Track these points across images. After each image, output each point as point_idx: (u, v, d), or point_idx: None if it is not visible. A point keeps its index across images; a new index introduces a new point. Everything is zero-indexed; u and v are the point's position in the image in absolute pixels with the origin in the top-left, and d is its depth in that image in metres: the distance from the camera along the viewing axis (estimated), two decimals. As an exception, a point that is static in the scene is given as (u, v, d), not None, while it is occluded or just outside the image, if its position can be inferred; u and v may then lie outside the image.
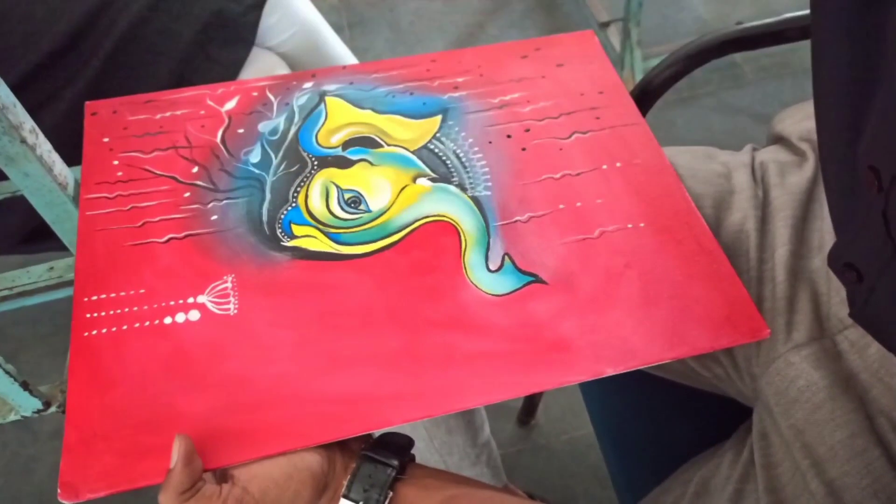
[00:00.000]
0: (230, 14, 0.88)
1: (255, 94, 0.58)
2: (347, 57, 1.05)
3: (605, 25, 1.50)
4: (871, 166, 0.36)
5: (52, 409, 0.62)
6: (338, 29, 1.07)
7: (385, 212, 0.51)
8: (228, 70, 0.86)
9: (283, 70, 0.94)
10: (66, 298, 0.71)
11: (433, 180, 0.53)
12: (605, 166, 0.54)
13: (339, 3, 1.66)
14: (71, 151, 0.65)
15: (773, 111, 0.64)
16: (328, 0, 1.65)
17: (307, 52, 0.99)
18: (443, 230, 0.50)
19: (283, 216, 0.51)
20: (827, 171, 0.43)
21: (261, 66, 0.90)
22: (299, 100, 0.58)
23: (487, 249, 0.49)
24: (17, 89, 0.58)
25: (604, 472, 0.74)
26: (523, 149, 0.55)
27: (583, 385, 0.67)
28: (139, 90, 0.81)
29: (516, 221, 0.51)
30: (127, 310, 0.45)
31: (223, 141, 0.55)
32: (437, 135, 0.56)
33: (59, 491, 0.38)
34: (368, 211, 0.51)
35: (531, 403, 1.03)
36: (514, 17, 1.63)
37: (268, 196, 0.52)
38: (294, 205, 0.51)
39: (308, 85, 0.59)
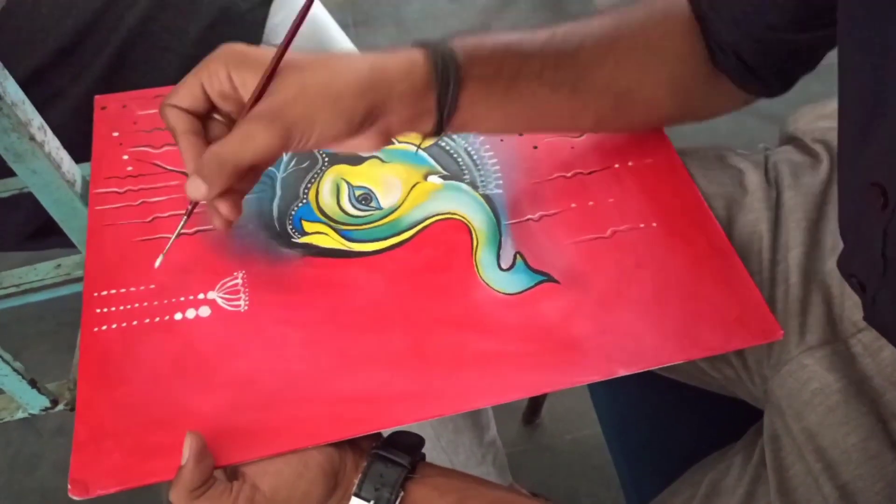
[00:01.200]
0: (237, 11, 0.88)
1: (265, 90, 0.58)
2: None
3: (611, 25, 1.50)
4: (874, 182, 0.36)
5: (60, 406, 0.62)
6: (344, 27, 1.06)
7: (396, 209, 0.51)
8: (236, 67, 0.86)
9: (291, 68, 0.94)
10: (70, 295, 0.71)
11: (444, 178, 0.53)
12: (617, 165, 0.54)
13: (344, 2, 1.66)
14: (78, 149, 0.64)
15: (779, 112, 0.63)
16: (334, -2, 1.65)
17: (314, 50, 0.99)
18: (454, 228, 0.50)
19: (293, 213, 0.50)
20: (841, 179, 0.43)
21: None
22: (309, 97, 0.58)
23: (499, 248, 0.49)
24: (23, 86, 0.58)
25: (608, 473, 0.73)
26: (535, 147, 0.55)
27: (591, 385, 0.67)
28: (146, 87, 0.81)
29: (528, 220, 0.51)
30: (137, 305, 0.45)
31: None
32: (448, 132, 0.56)
33: (69, 487, 0.38)
34: (379, 208, 0.51)
35: (536, 403, 1.02)
36: (519, 15, 1.63)
37: (278, 192, 0.51)
38: (305, 201, 0.51)
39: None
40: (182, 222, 0.43)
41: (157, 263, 0.45)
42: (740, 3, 0.47)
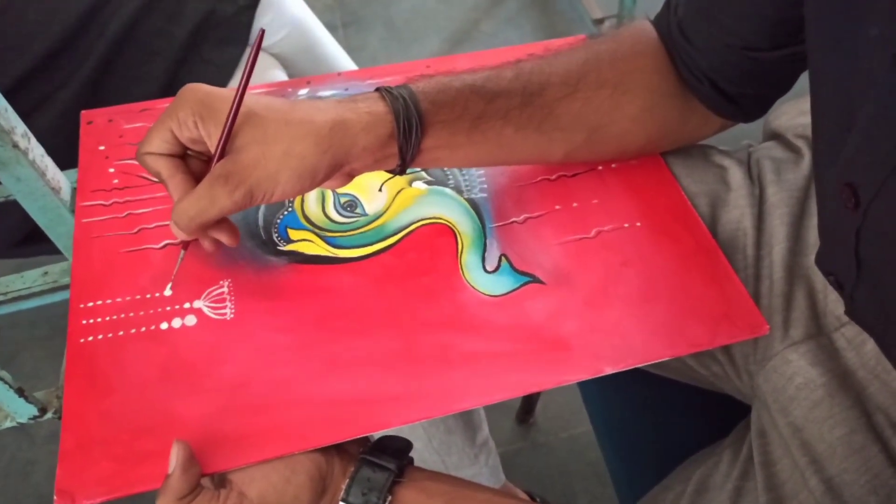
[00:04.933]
0: (223, 14, 0.88)
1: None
2: (341, 57, 1.05)
3: (598, 22, 1.50)
4: (847, 183, 0.36)
5: (48, 415, 0.61)
6: (332, 28, 1.06)
7: (381, 215, 0.51)
8: (222, 70, 0.86)
9: (278, 70, 0.94)
10: (64, 301, 0.71)
11: (429, 183, 0.53)
12: (600, 167, 0.54)
13: (333, 2, 1.66)
14: (66, 154, 0.64)
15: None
16: (322, -1, 1.65)
17: (301, 53, 0.99)
18: (439, 232, 0.50)
19: (279, 221, 0.50)
20: (817, 178, 0.44)
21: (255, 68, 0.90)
22: (294, 103, 0.58)
23: (484, 250, 0.49)
24: (10, 92, 0.58)
25: (603, 470, 0.74)
26: (519, 150, 0.55)
27: (581, 383, 0.67)
28: (133, 91, 0.81)
29: (512, 223, 0.51)
30: (123, 315, 0.45)
31: None
32: (433, 136, 0.56)
33: (55, 498, 0.38)
34: (364, 214, 0.51)
35: (530, 401, 1.03)
36: (509, 13, 1.63)
37: None
38: (290, 209, 0.51)
39: (303, 92, 0.59)
40: (181, 256, 0.45)
41: (168, 292, 0.46)
42: (717, 30, 0.47)
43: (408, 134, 0.43)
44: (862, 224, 0.36)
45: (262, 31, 0.42)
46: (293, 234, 0.50)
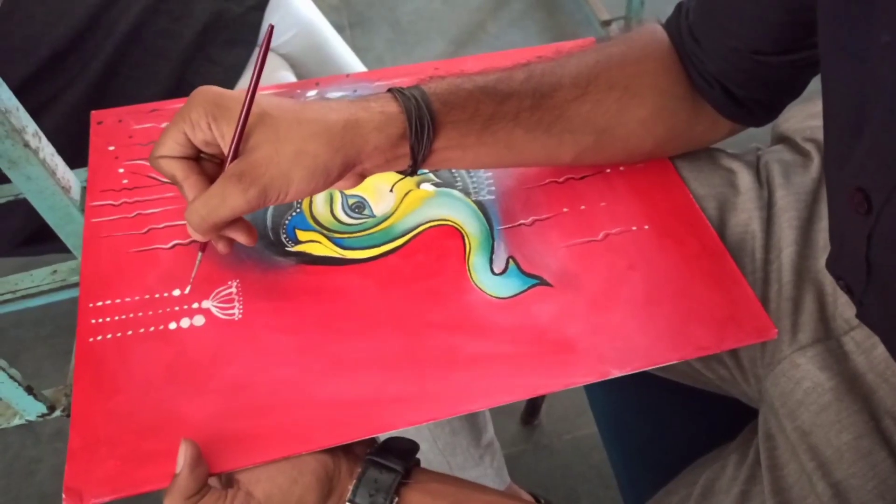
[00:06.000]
0: (231, 15, 0.88)
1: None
2: (349, 57, 1.05)
3: (606, 24, 1.50)
4: (859, 188, 0.36)
5: (57, 412, 0.62)
6: (338, 28, 1.06)
7: (389, 216, 0.51)
8: (229, 72, 0.86)
9: (286, 71, 0.94)
10: (68, 300, 0.71)
11: (436, 185, 0.53)
12: (608, 170, 0.54)
13: (339, 3, 1.66)
14: (72, 154, 0.65)
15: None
16: (329, 0, 1.65)
17: (309, 53, 0.99)
18: (447, 234, 0.50)
19: (287, 222, 0.51)
20: (828, 182, 0.44)
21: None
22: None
23: (492, 253, 0.49)
24: (17, 92, 0.58)
25: (607, 472, 0.74)
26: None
27: (587, 386, 0.67)
28: (140, 92, 0.82)
29: (520, 225, 0.51)
30: (132, 315, 0.45)
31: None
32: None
33: (63, 496, 0.38)
34: (372, 216, 0.51)
35: (534, 403, 1.03)
36: (514, 15, 1.63)
37: None
38: (298, 210, 0.51)
39: (312, 93, 0.59)
40: (198, 258, 0.45)
41: (188, 290, 0.46)
42: (725, 34, 0.47)
43: (420, 134, 0.43)
44: (873, 229, 0.36)
45: (272, 27, 0.42)
46: (301, 234, 0.50)
